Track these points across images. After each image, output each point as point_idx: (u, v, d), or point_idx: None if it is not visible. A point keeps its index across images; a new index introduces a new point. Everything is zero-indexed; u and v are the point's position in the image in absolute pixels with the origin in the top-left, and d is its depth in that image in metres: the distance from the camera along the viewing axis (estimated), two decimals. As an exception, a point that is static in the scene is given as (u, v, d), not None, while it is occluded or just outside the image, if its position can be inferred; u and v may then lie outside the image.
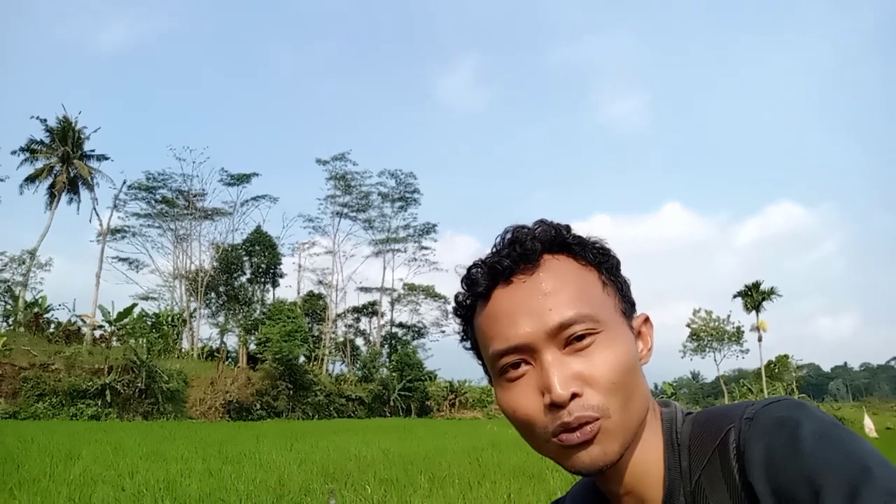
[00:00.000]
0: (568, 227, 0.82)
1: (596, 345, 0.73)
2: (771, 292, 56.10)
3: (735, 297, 58.01)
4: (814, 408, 0.67)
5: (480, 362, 0.85)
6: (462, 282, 0.83)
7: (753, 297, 56.22)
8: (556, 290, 0.75)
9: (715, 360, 63.62)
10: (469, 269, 0.82)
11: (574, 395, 0.71)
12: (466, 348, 0.87)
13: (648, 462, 0.77)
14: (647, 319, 0.85)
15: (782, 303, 64.70)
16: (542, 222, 0.81)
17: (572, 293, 0.75)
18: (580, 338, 0.73)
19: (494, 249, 0.81)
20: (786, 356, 65.12)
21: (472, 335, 0.84)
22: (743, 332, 61.33)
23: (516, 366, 0.75)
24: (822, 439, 0.63)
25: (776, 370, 62.63)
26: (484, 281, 0.79)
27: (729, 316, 62.92)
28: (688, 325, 63.76)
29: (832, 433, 0.63)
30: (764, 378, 56.84)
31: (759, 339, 56.50)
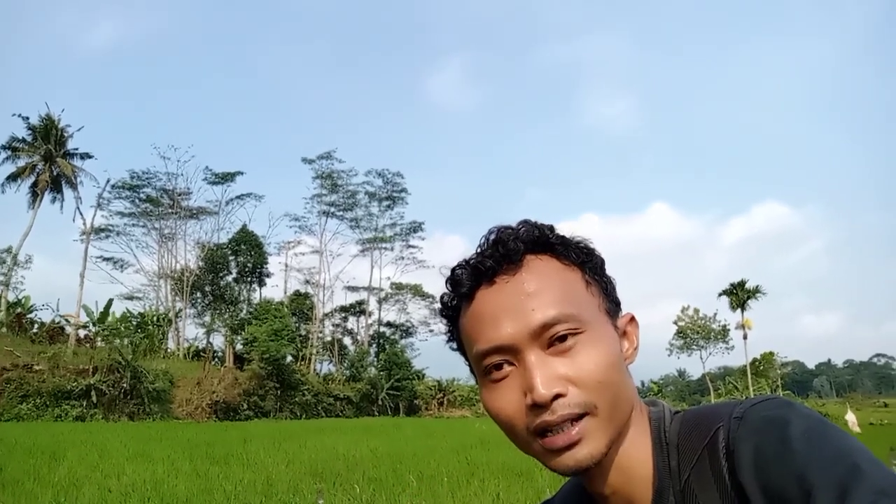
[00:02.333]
0: (551, 227, 0.81)
1: (580, 345, 0.73)
2: (756, 291, 56.61)
3: (720, 295, 58.52)
4: (802, 406, 0.68)
5: (466, 363, 0.84)
6: (446, 282, 0.83)
7: (739, 295, 56.70)
8: (539, 291, 0.75)
9: (701, 358, 64.01)
10: (453, 270, 0.81)
11: (558, 396, 0.71)
12: (453, 349, 0.86)
13: (636, 461, 0.77)
14: (632, 319, 0.84)
15: (767, 301, 65.32)
16: (525, 222, 0.81)
17: (555, 293, 0.75)
18: (563, 338, 0.73)
19: (478, 250, 0.80)
20: (771, 353, 65.66)
21: (457, 335, 0.84)
22: (729, 329, 61.79)
23: (500, 366, 0.75)
24: (812, 438, 0.63)
25: (761, 367, 63.14)
26: (467, 282, 0.79)
27: (716, 314, 63.39)
28: (675, 323, 64.17)
29: (821, 431, 0.63)
30: (749, 375, 57.36)
31: (745, 337, 57.00)
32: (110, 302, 38.29)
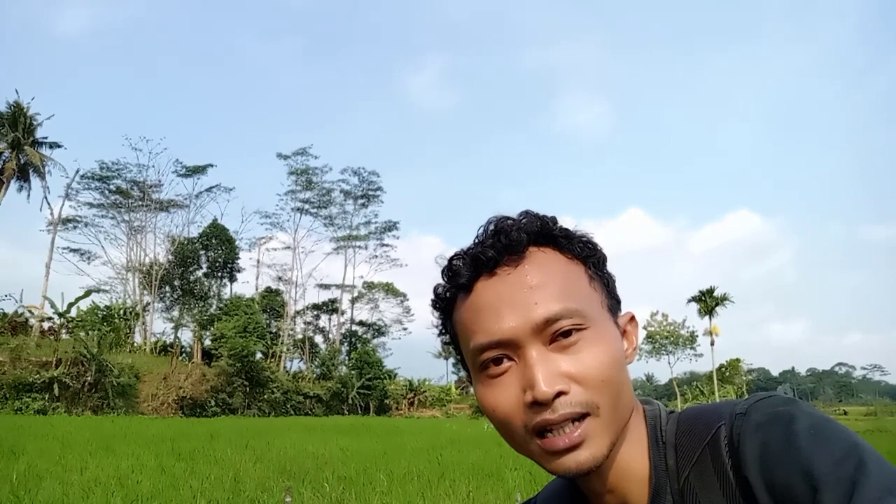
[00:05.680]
0: (554, 219, 0.78)
1: (583, 341, 0.70)
2: (724, 298, 57.55)
3: (689, 301, 59.39)
4: (805, 403, 0.67)
5: (459, 357, 0.81)
6: (443, 273, 0.79)
7: (707, 302, 57.55)
8: (542, 284, 0.72)
9: (669, 363, 64.88)
10: (451, 260, 0.78)
11: (560, 393, 0.68)
12: (445, 343, 0.83)
13: (632, 461, 0.75)
14: (632, 318, 0.82)
15: (735, 308, 66.42)
16: (527, 213, 0.78)
17: (559, 287, 0.72)
18: (566, 334, 0.70)
19: (478, 240, 0.76)
20: (737, 360, 66.87)
21: (451, 329, 0.80)
22: (696, 335, 62.74)
23: (498, 361, 0.72)
24: (818, 434, 0.62)
25: (727, 374, 64.26)
26: (467, 272, 0.75)
27: (685, 320, 64.27)
28: (644, 328, 64.93)
29: (827, 428, 0.63)
30: (715, 381, 58.32)
31: (712, 343, 57.88)
32: (87, 293, 37.49)
